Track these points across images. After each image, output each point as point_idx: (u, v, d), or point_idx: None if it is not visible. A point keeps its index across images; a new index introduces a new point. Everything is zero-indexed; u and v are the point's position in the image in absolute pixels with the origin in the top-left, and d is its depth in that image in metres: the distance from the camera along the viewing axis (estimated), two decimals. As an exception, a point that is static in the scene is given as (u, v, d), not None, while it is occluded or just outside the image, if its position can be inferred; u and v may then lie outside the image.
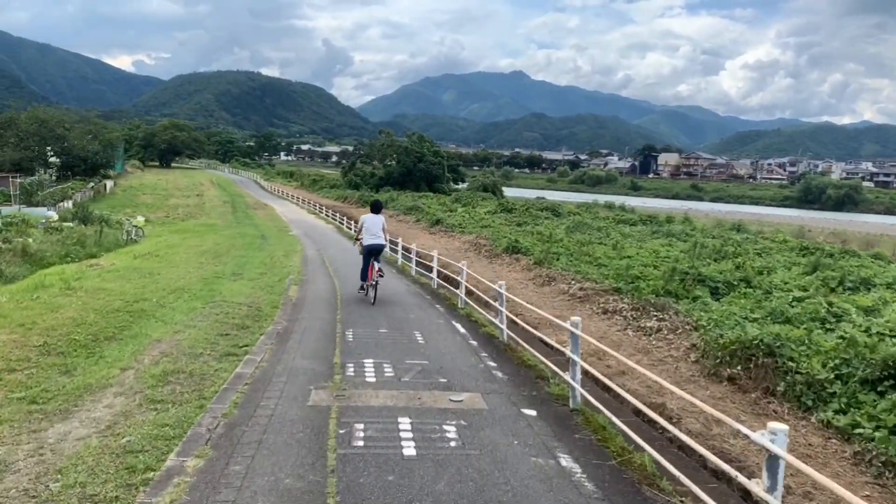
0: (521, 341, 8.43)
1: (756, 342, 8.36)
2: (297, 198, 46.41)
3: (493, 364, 7.34)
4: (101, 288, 9.96)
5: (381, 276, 11.16)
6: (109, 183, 43.72)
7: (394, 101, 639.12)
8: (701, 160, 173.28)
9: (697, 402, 4.39)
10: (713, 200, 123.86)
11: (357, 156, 57.30)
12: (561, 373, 6.43)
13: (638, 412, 6.23)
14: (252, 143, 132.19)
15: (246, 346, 7.02)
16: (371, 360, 6.81)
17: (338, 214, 33.35)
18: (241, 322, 8.24)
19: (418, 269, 16.14)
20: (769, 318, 10.42)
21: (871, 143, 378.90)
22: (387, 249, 13.70)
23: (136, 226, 20.87)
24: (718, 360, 8.88)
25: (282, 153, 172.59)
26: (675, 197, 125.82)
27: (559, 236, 22.68)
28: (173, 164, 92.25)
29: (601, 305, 13.29)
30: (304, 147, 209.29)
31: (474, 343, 8.51)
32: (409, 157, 49.96)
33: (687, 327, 10.85)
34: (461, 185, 60.68)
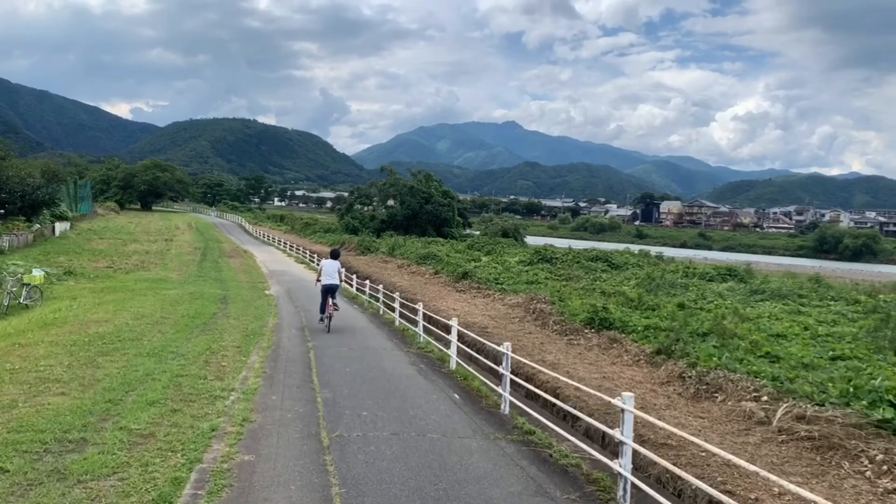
0: None
1: None
2: (285, 243, 39.77)
3: None
4: None
5: (336, 309, 13.18)
6: (62, 225, 36.95)
7: (389, 150, 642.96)
8: (704, 208, 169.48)
9: None
10: (723, 249, 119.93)
11: (355, 196, 51.06)
12: None
13: None
14: (242, 186, 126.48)
15: None
16: None
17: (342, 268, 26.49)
18: None
19: (496, 383, 8.49)
20: None
21: (861, 193, 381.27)
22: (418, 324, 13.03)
23: (26, 284, 13.99)
24: None
25: (276, 199, 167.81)
26: (684, 245, 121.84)
27: (646, 298, 16.00)
28: (155, 207, 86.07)
29: (881, 468, 6.44)
30: (299, 193, 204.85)
31: None
32: (415, 198, 43.67)
33: None
34: (469, 231, 54.47)
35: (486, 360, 10.28)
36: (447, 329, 13.26)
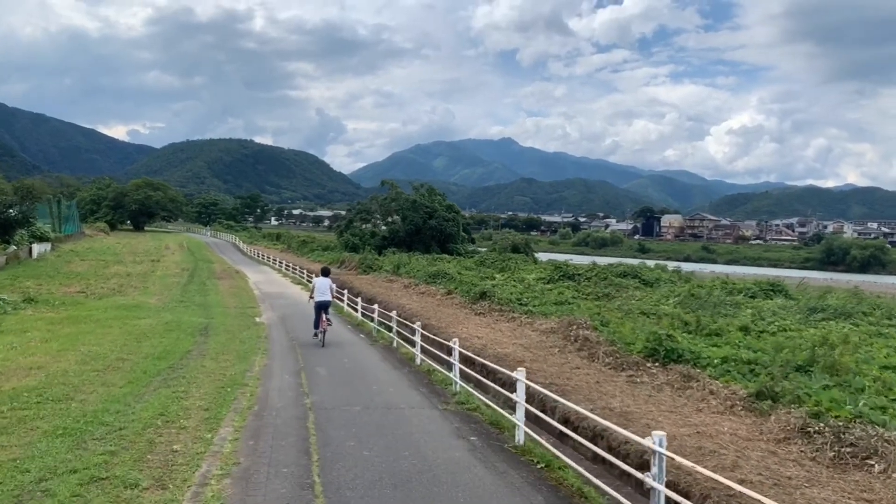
0: None
1: None
2: (281, 262, 37.36)
3: None
4: None
5: (329, 324, 13.85)
6: (40, 247, 34.49)
7: (386, 168, 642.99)
8: (706, 222, 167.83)
9: None
10: (727, 262, 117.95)
11: (355, 212, 48.77)
12: None
13: None
14: (237, 205, 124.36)
15: None
16: None
17: (333, 285, 24.02)
18: None
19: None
20: None
21: (857, 205, 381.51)
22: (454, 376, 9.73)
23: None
24: None
25: (272, 218, 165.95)
26: (687, 259, 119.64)
27: (705, 321, 13.65)
28: (148, 228, 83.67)
29: None
30: (296, 212, 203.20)
31: None
32: (418, 213, 41.40)
33: None
34: (474, 247, 52.21)
35: (537, 411, 7.79)
36: (469, 361, 10.80)
